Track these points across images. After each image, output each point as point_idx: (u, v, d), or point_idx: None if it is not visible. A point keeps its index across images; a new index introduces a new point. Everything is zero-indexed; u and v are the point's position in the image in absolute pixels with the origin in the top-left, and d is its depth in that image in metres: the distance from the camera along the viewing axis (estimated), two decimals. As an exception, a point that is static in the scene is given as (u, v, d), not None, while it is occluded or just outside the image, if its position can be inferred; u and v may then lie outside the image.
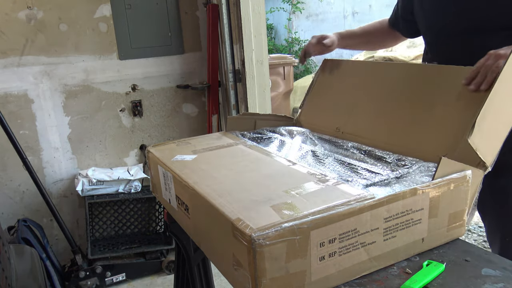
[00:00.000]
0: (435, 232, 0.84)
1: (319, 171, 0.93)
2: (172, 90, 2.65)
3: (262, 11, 2.43)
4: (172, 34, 2.57)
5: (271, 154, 1.09)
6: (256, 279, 0.66)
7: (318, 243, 0.69)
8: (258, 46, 2.44)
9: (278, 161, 1.02)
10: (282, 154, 1.09)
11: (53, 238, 2.45)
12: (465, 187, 0.84)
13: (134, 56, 2.49)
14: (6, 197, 2.32)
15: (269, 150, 1.13)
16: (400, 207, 0.77)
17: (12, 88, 2.24)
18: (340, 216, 0.71)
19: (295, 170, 0.94)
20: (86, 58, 2.38)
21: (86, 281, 2.23)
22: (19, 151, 2.04)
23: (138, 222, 2.50)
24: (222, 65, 2.60)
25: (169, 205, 1.10)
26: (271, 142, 1.23)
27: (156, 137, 2.65)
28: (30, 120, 2.30)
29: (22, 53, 2.23)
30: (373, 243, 0.76)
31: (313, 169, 0.95)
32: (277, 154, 1.09)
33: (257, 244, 0.64)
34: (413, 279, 0.73)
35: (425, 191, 0.80)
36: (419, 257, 0.82)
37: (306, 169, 0.95)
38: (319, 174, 0.91)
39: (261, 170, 0.97)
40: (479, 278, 0.74)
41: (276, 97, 4.14)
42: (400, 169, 0.91)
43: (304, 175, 0.90)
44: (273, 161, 1.02)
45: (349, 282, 0.75)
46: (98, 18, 2.36)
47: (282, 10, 8.03)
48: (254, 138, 1.28)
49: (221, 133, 1.37)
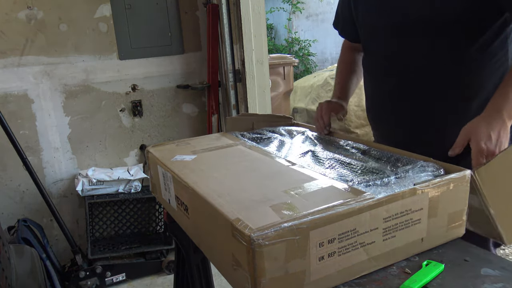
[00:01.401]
0: (435, 232, 0.84)
1: (318, 171, 0.93)
2: (172, 90, 2.65)
3: (262, 11, 2.43)
4: (172, 34, 2.57)
5: (271, 154, 1.09)
6: (256, 279, 0.66)
7: (318, 243, 0.69)
8: (258, 46, 2.45)
9: (277, 161, 1.02)
10: (281, 154, 1.09)
11: (53, 238, 2.45)
12: (465, 187, 0.84)
13: (134, 56, 2.49)
14: (6, 197, 2.32)
15: (269, 150, 1.12)
16: (399, 207, 0.77)
17: (12, 88, 2.24)
18: (340, 216, 0.71)
19: (295, 170, 0.94)
20: (86, 58, 2.38)
21: (86, 281, 2.23)
22: (19, 151, 2.04)
23: (138, 222, 2.50)
24: (222, 65, 2.60)
25: (169, 205, 1.10)
26: (271, 142, 1.23)
27: (156, 137, 2.65)
28: (30, 120, 2.30)
29: (22, 53, 2.23)
30: (373, 243, 0.76)
31: (312, 169, 0.96)
32: (276, 154, 1.09)
33: (256, 244, 0.64)
34: (412, 279, 0.73)
35: (425, 191, 0.80)
36: (419, 257, 0.82)
37: (306, 169, 0.95)
38: (319, 174, 0.91)
39: (261, 170, 0.97)
40: (479, 278, 0.74)
41: (276, 97, 4.14)
42: (400, 169, 0.91)
43: (304, 175, 0.90)
44: (273, 161, 1.02)
45: (348, 282, 0.75)
46: (98, 18, 2.36)
47: (282, 10, 8.04)
48: (253, 139, 1.28)
49: (221, 133, 1.37)
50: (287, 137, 1.27)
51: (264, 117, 1.41)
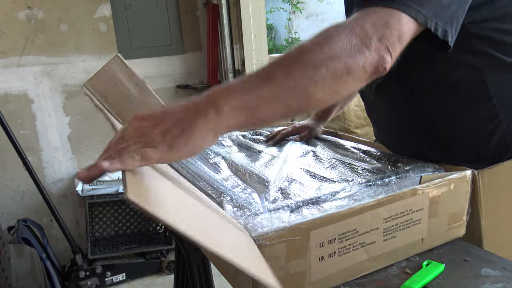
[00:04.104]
0: (435, 232, 0.84)
1: (319, 172, 0.93)
2: (172, 90, 2.65)
3: (262, 11, 2.43)
4: (172, 34, 2.57)
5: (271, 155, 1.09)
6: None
7: (318, 243, 0.69)
8: (258, 46, 2.45)
9: (276, 161, 1.02)
10: (283, 155, 1.09)
11: (53, 238, 2.45)
12: (465, 187, 0.84)
13: (134, 56, 2.49)
14: (6, 197, 2.32)
15: (269, 150, 1.13)
16: (400, 207, 0.77)
17: (12, 88, 2.24)
18: (340, 216, 0.71)
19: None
20: (86, 58, 2.38)
21: (86, 281, 2.23)
22: (19, 151, 2.04)
23: (138, 222, 2.50)
24: (222, 65, 2.60)
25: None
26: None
27: (156, 137, 2.65)
28: (30, 120, 2.30)
29: (22, 53, 2.23)
30: (373, 243, 0.76)
31: (313, 168, 0.96)
32: (279, 155, 1.09)
33: (257, 244, 0.64)
34: (412, 279, 0.73)
35: (425, 191, 0.80)
36: (419, 257, 0.82)
37: (305, 168, 0.95)
38: (319, 176, 0.91)
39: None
40: (479, 278, 0.74)
41: (276, 97, 4.14)
42: (400, 169, 0.91)
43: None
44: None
45: (348, 282, 0.75)
46: (98, 18, 2.36)
47: (282, 10, 8.03)
48: (253, 139, 1.28)
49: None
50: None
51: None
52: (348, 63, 0.64)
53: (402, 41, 0.68)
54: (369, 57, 0.65)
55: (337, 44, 0.64)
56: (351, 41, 0.65)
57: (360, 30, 0.66)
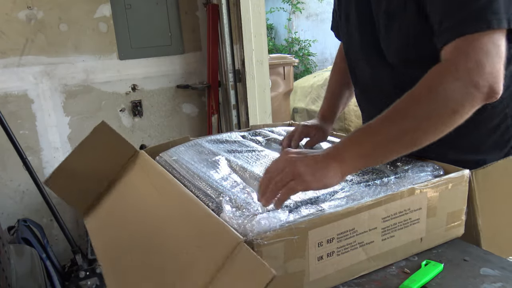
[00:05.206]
0: (434, 232, 0.84)
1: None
2: (172, 90, 2.65)
3: (262, 11, 2.43)
4: (172, 34, 2.57)
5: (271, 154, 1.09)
6: (255, 279, 0.66)
7: (316, 243, 0.69)
8: (258, 46, 2.45)
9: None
10: (281, 154, 1.09)
11: (53, 238, 2.45)
12: (463, 186, 0.85)
13: (134, 56, 2.49)
14: (6, 197, 2.32)
15: (269, 151, 1.13)
16: (398, 207, 0.77)
17: (12, 88, 2.24)
18: (338, 216, 0.71)
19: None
20: (86, 58, 2.38)
21: (86, 281, 2.23)
22: (19, 151, 2.04)
23: (138, 222, 2.50)
24: (222, 65, 2.60)
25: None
26: (272, 142, 1.23)
27: (156, 137, 2.65)
28: (30, 120, 2.30)
29: (22, 53, 2.23)
30: (371, 242, 0.76)
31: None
32: (277, 154, 1.09)
33: (255, 244, 0.64)
34: (411, 279, 0.73)
35: (423, 191, 0.80)
36: (418, 257, 0.82)
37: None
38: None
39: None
40: (478, 277, 0.74)
41: (276, 97, 4.14)
42: (399, 168, 0.91)
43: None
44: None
45: (347, 282, 0.75)
46: (98, 18, 2.36)
47: (282, 10, 8.03)
48: (253, 140, 1.28)
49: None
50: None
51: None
52: (455, 108, 0.71)
53: (502, 58, 0.73)
54: (478, 95, 0.71)
55: (441, 94, 0.70)
56: (455, 86, 0.71)
57: (463, 73, 0.71)
